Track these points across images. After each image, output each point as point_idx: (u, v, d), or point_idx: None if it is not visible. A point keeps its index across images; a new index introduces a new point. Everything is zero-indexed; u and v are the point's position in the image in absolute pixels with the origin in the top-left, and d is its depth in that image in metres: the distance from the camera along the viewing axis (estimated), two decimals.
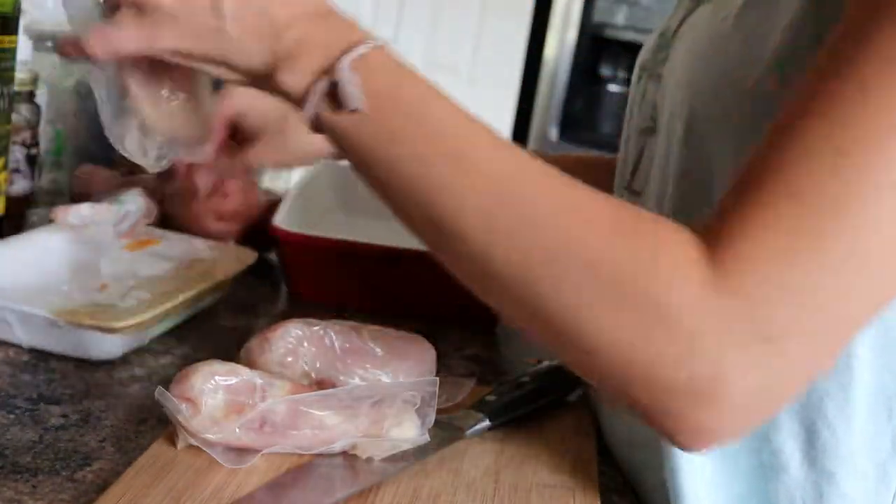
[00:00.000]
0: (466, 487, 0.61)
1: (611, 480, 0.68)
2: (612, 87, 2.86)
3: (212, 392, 0.59)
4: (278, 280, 1.01)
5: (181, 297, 0.78)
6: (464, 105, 0.54)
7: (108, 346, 0.74)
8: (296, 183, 1.16)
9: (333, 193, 1.24)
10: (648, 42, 0.74)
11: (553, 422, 0.71)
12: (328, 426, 0.61)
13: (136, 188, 0.95)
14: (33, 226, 1.00)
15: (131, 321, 0.72)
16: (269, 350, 0.66)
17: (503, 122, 2.79)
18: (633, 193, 0.70)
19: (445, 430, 0.65)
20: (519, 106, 2.80)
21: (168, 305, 0.77)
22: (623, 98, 3.01)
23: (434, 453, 0.63)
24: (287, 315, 0.71)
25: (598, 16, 2.77)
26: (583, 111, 2.84)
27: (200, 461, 0.59)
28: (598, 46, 2.81)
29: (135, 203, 0.93)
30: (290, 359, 0.65)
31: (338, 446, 0.61)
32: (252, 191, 1.05)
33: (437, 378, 0.64)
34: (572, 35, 2.77)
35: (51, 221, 0.90)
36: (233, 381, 0.60)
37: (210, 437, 0.59)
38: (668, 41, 0.68)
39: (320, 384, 0.64)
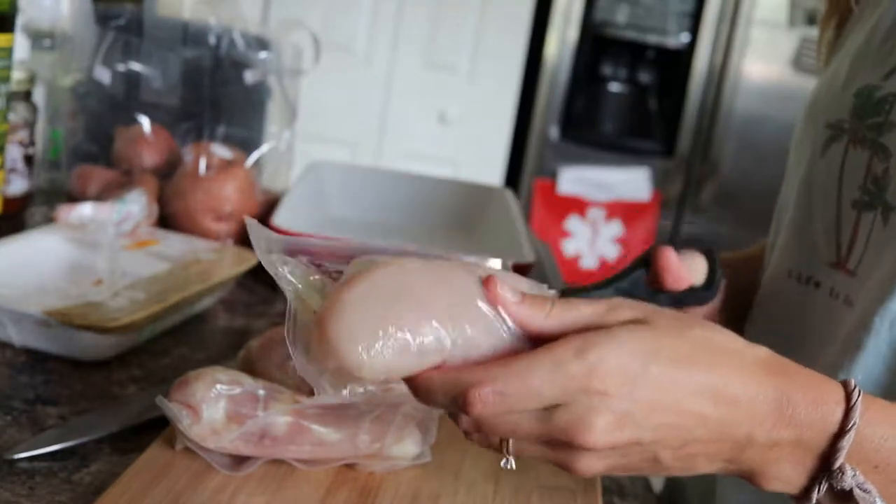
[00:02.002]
0: (467, 489, 0.60)
1: (612, 483, 0.67)
2: (613, 87, 2.86)
3: (213, 401, 0.58)
4: None
5: (174, 298, 0.78)
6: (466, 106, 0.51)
7: (101, 346, 0.74)
8: (295, 182, 1.16)
9: (333, 193, 1.24)
10: (831, 96, 0.67)
11: None
12: (328, 443, 0.60)
13: (139, 188, 0.95)
14: (31, 226, 1.00)
15: (123, 321, 0.72)
16: (270, 354, 0.65)
17: (504, 122, 2.79)
18: (848, 273, 0.63)
19: None
20: (519, 105, 2.79)
21: (160, 306, 0.76)
22: (623, 98, 2.99)
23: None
24: (286, 317, 0.70)
25: (598, 14, 2.76)
26: (584, 110, 2.84)
27: (198, 463, 0.58)
28: (599, 45, 2.80)
29: (138, 203, 0.93)
30: (291, 362, 0.65)
31: (338, 463, 0.60)
32: (251, 190, 1.05)
33: None
34: (573, 34, 2.76)
35: (52, 221, 0.89)
36: (236, 391, 0.59)
37: (209, 445, 0.58)
38: (881, 106, 0.61)
39: None
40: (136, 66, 1.07)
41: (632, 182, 2.80)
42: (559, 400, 0.44)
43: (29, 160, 1.02)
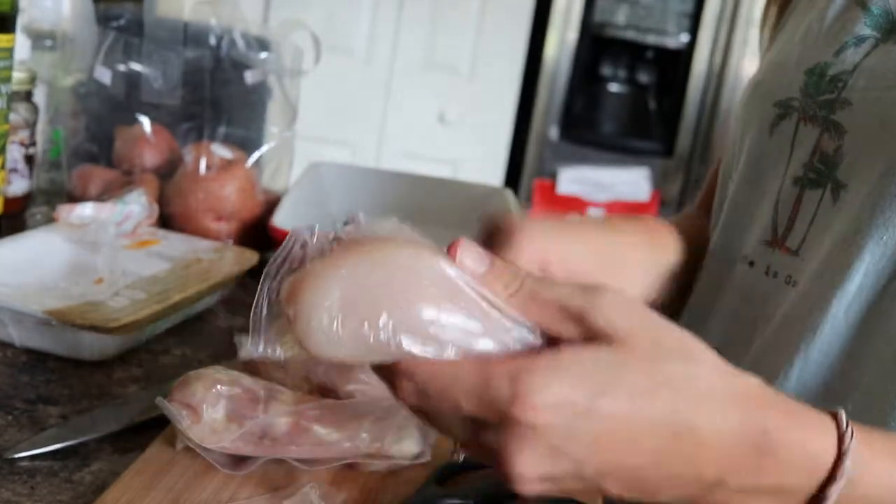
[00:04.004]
0: None
1: None
2: (613, 87, 2.86)
3: (213, 401, 0.59)
4: None
5: (176, 298, 0.78)
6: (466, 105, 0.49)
7: (102, 346, 0.74)
8: (295, 183, 1.16)
9: (333, 193, 1.24)
10: (780, 74, 0.65)
11: None
12: (329, 443, 0.60)
13: (140, 188, 0.95)
14: (32, 226, 1.00)
15: (125, 321, 0.72)
16: None
17: (503, 122, 2.79)
18: (787, 252, 0.61)
19: None
20: (519, 105, 2.79)
21: (161, 306, 0.76)
22: (623, 98, 2.98)
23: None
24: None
25: (598, 15, 2.77)
26: (583, 111, 2.84)
27: (199, 463, 0.58)
28: (598, 46, 2.81)
29: (138, 203, 0.93)
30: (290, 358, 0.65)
31: (338, 463, 0.61)
32: (251, 190, 1.05)
33: None
34: (573, 34, 2.76)
35: (53, 220, 0.89)
36: (236, 391, 0.59)
37: (209, 445, 0.58)
38: (834, 84, 0.60)
39: (321, 388, 0.64)
40: (136, 67, 1.07)
41: (631, 182, 2.80)
42: (482, 418, 0.41)
43: (30, 160, 1.02)
